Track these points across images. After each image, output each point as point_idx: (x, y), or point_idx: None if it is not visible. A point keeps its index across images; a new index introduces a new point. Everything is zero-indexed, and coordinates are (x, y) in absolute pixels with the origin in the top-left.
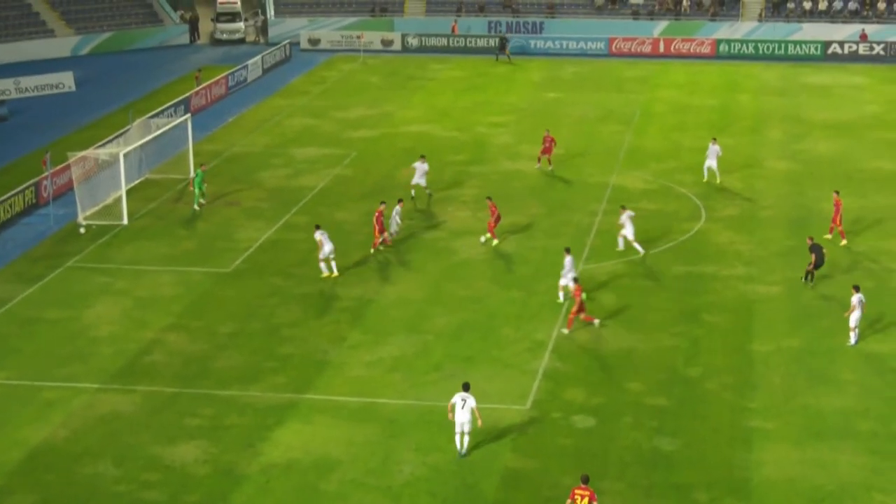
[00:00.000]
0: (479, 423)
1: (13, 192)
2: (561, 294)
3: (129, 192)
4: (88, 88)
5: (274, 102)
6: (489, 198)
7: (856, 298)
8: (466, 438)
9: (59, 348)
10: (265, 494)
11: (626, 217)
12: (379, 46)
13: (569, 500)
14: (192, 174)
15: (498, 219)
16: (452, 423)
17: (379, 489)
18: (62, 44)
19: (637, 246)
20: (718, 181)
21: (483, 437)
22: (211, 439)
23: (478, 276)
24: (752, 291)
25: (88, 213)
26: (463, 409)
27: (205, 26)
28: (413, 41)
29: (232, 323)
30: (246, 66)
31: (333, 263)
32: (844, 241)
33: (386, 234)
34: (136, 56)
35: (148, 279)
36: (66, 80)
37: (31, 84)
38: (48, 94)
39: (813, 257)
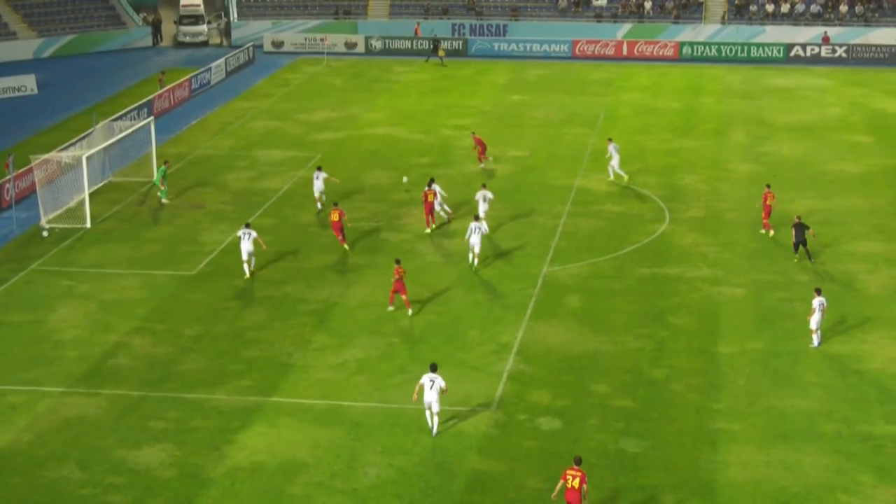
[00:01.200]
0: (445, 393)
1: None
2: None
3: (92, 195)
4: (51, 91)
5: (238, 105)
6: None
7: (816, 301)
8: (436, 419)
9: (22, 352)
10: (231, 498)
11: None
12: (343, 49)
13: (560, 481)
14: (154, 177)
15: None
16: (422, 420)
17: (345, 492)
18: (24, 46)
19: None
20: (626, 179)
21: (449, 439)
22: (176, 442)
23: (443, 279)
24: (716, 293)
25: (51, 216)
26: (431, 390)
27: (168, 29)
28: (377, 44)
29: (197, 326)
30: (209, 69)
31: (246, 267)
32: (771, 232)
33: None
34: (98, 59)
35: (112, 282)
36: (28, 83)
37: None
38: (10, 96)
39: (793, 232)
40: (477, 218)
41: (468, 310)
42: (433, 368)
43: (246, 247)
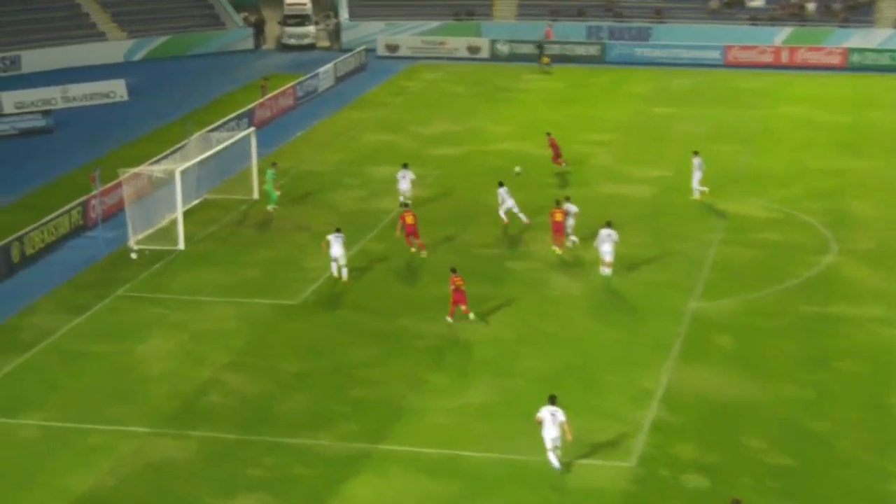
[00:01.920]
0: (569, 437)
1: (58, 212)
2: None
3: (186, 214)
4: (142, 98)
5: (347, 115)
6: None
7: None
8: (558, 453)
9: (105, 386)
10: None
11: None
12: (465, 54)
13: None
14: (254, 195)
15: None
16: (552, 474)
17: None
18: (114, 48)
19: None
20: (698, 196)
21: (582, 497)
22: (274, 493)
23: (576, 313)
24: (890, 336)
25: (141, 236)
26: (553, 425)
27: (271, 30)
28: (503, 48)
29: (299, 361)
30: (316, 75)
31: (344, 270)
32: None
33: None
34: (195, 62)
35: (206, 311)
36: (117, 89)
37: (80, 92)
38: (98, 103)
39: None
40: (609, 224)
41: (605, 349)
42: (552, 401)
43: (336, 251)
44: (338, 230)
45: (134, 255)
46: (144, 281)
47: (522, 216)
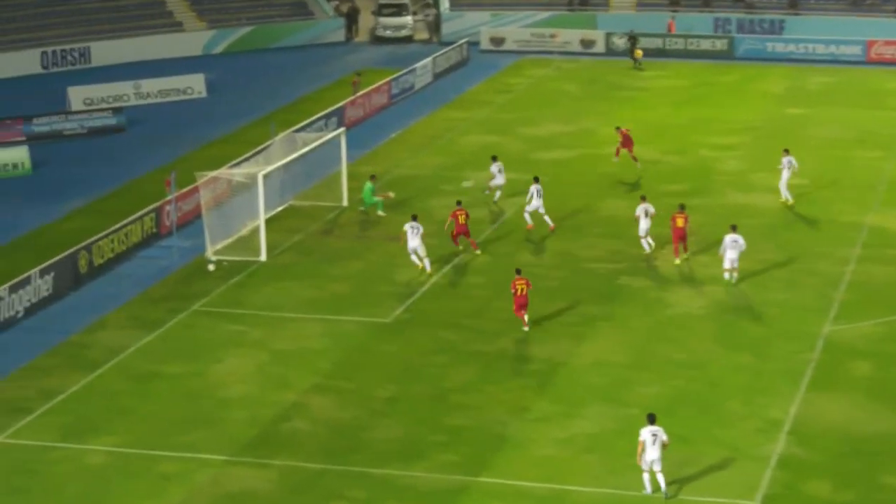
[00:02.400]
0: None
1: (130, 219)
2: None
3: (268, 222)
4: (222, 94)
5: (447, 114)
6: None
7: None
8: (660, 477)
9: (180, 410)
10: None
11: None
12: (577, 48)
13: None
14: (343, 202)
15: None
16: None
17: None
18: (192, 40)
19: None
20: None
21: None
22: None
23: (697, 336)
24: None
25: (219, 246)
26: (654, 446)
27: (365, 20)
28: (620, 42)
29: (391, 385)
30: (413, 70)
31: (426, 261)
32: None
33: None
34: (280, 55)
35: (289, 329)
36: (195, 84)
37: (154, 88)
38: (174, 100)
39: None
40: (734, 229)
41: (728, 375)
42: (651, 420)
43: (414, 242)
44: (414, 217)
45: (211, 267)
46: (222, 295)
47: (548, 219)
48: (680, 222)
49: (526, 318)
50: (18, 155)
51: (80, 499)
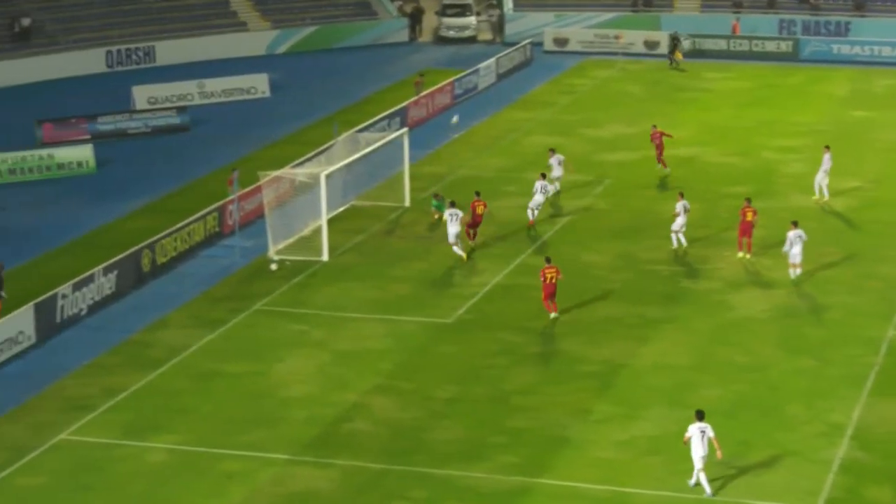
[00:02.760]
0: (719, 454)
1: (193, 218)
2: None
3: (330, 222)
4: (285, 94)
5: (510, 115)
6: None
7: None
8: (702, 473)
9: (241, 410)
10: None
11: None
12: (641, 49)
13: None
14: (406, 202)
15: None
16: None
17: None
18: (256, 40)
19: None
20: (825, 200)
21: None
22: None
23: (759, 339)
24: None
25: (281, 245)
26: (702, 441)
27: (429, 21)
28: (684, 43)
29: (452, 386)
30: (477, 71)
31: (457, 249)
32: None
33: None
34: (343, 56)
35: (351, 329)
36: (259, 84)
37: (218, 87)
38: (237, 99)
39: None
40: (795, 225)
41: (790, 379)
42: (700, 416)
43: (454, 230)
44: (452, 204)
45: (273, 267)
46: (284, 295)
47: (532, 214)
48: (749, 216)
49: (554, 306)
50: (83, 154)
51: (143, 497)
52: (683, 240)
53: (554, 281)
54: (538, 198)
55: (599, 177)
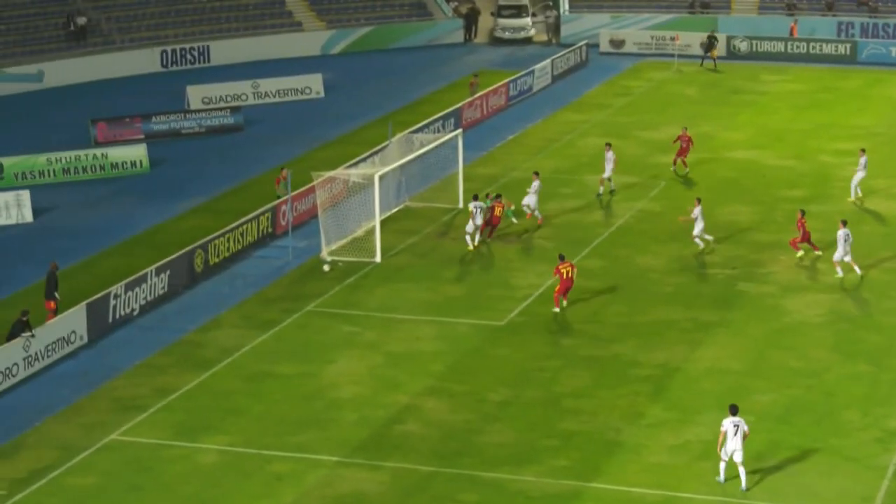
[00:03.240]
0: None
1: (246, 218)
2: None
3: (384, 223)
4: (340, 94)
5: (565, 117)
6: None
7: None
8: (742, 469)
9: (292, 411)
10: None
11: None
12: (698, 51)
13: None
14: (459, 203)
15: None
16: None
17: None
18: (311, 40)
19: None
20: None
21: None
22: None
23: (814, 344)
24: None
25: (334, 246)
26: (735, 436)
27: (484, 22)
28: (741, 45)
29: (504, 389)
30: (532, 72)
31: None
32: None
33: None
34: (398, 56)
35: (403, 330)
36: (313, 84)
37: (272, 88)
38: (292, 99)
39: None
40: (844, 224)
41: (845, 384)
42: (734, 411)
43: (479, 221)
44: (475, 197)
45: (326, 268)
46: (336, 296)
47: (538, 214)
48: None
49: (565, 300)
50: (137, 153)
51: (193, 497)
52: (708, 237)
53: (571, 276)
54: (529, 198)
55: (654, 179)
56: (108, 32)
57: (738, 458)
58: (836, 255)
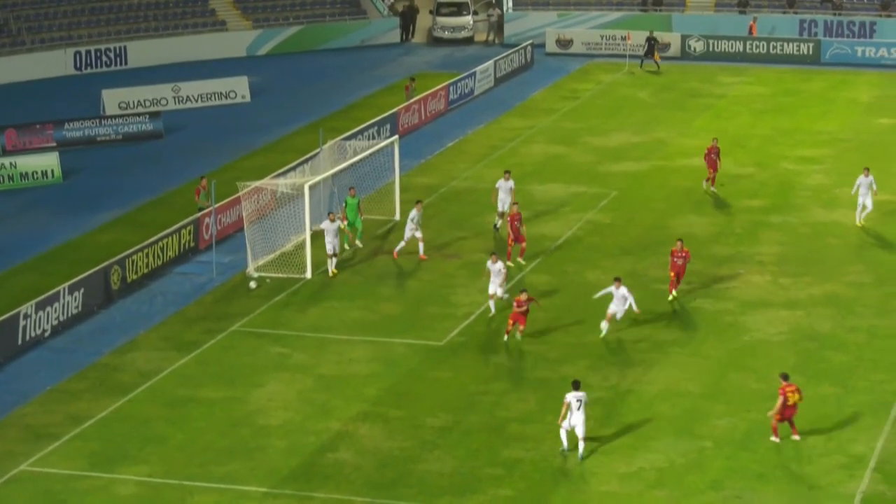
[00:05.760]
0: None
1: (166, 232)
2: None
3: (315, 237)
4: (267, 99)
5: (509, 123)
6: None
7: None
8: (582, 444)
9: (216, 439)
10: None
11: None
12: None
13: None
14: (396, 215)
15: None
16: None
17: None
18: (236, 40)
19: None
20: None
21: None
22: None
23: (776, 364)
24: None
25: (261, 262)
26: (579, 410)
27: (422, 20)
28: (697, 45)
29: (444, 414)
30: (473, 74)
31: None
32: None
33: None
34: (329, 58)
35: (336, 352)
36: (238, 88)
37: (195, 91)
38: (215, 104)
39: None
40: (867, 171)
41: (809, 407)
42: (576, 386)
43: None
44: (419, 200)
45: (253, 285)
46: (264, 315)
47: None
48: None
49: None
50: (48, 162)
51: None
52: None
53: (526, 308)
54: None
55: (604, 189)
56: (16, 32)
57: (580, 431)
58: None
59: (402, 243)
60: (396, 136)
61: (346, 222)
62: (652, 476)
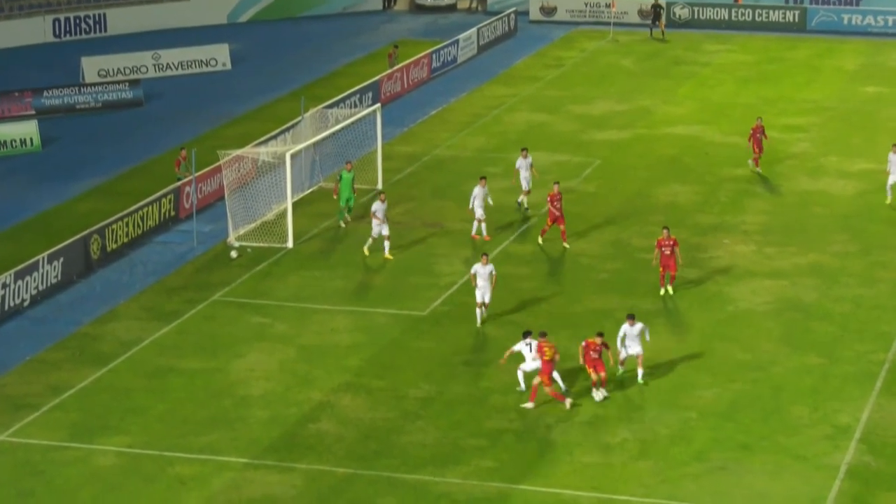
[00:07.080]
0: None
1: (146, 201)
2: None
3: (296, 206)
4: (247, 66)
5: (492, 91)
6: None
7: None
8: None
9: (197, 410)
10: None
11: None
12: (636, 19)
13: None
14: (378, 184)
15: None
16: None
17: None
18: (216, 7)
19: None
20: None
21: None
22: None
23: (761, 335)
24: None
25: (242, 231)
26: (534, 361)
27: None
28: (682, 12)
29: (426, 385)
30: (456, 42)
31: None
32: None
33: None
34: (310, 25)
35: (317, 322)
36: (218, 55)
37: (174, 59)
38: (195, 72)
39: None
40: None
41: (794, 378)
42: (526, 335)
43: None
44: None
45: (234, 254)
46: (245, 284)
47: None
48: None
49: (549, 387)
50: (27, 130)
51: (90, 503)
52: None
53: (555, 358)
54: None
55: (587, 158)
56: None
57: (537, 379)
58: (890, 180)
59: (370, 240)
60: (379, 105)
61: (336, 196)
62: (636, 447)
